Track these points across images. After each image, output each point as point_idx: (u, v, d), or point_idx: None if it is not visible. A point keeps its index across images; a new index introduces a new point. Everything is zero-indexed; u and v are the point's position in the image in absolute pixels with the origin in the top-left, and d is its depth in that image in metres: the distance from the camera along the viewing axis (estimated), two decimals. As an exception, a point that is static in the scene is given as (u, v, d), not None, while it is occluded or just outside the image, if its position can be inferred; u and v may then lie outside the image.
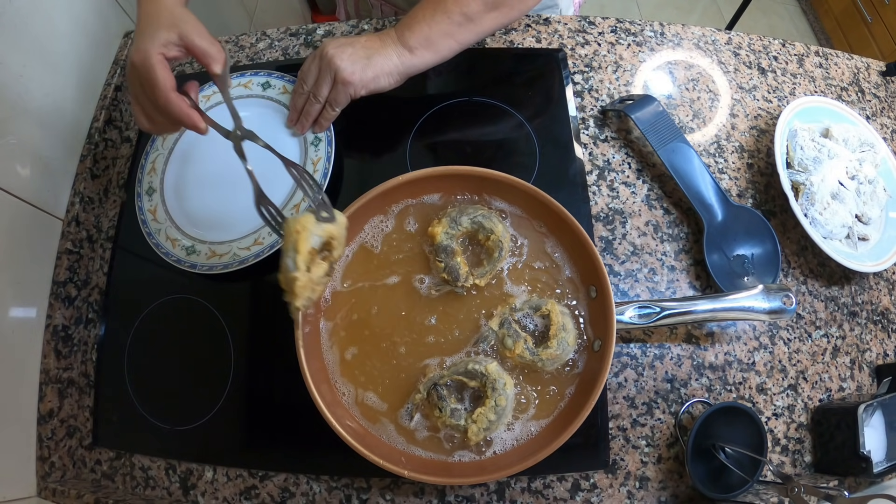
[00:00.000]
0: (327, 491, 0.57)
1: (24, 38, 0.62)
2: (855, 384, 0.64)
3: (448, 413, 0.51)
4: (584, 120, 0.73)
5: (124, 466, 0.61)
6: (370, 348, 0.56)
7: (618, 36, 0.79)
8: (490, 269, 0.56)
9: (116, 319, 0.66)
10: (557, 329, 0.53)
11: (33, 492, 0.60)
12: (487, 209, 0.58)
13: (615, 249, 0.66)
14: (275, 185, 0.65)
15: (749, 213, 0.66)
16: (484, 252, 0.57)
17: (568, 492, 0.57)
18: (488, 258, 0.57)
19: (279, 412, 0.60)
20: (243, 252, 0.63)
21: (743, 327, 0.64)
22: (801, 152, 0.68)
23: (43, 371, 0.63)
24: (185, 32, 0.51)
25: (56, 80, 0.68)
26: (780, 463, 0.60)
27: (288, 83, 0.71)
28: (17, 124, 0.62)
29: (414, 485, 0.57)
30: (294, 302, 0.46)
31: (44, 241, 0.66)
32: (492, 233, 0.56)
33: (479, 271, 0.56)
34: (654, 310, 0.55)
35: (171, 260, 0.64)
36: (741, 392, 0.62)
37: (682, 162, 0.66)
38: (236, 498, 0.58)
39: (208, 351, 0.63)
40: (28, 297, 0.63)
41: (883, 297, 0.69)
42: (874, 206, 0.68)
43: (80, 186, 0.70)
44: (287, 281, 0.46)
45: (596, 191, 0.69)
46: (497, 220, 0.57)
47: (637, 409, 0.60)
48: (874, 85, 0.83)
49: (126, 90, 0.66)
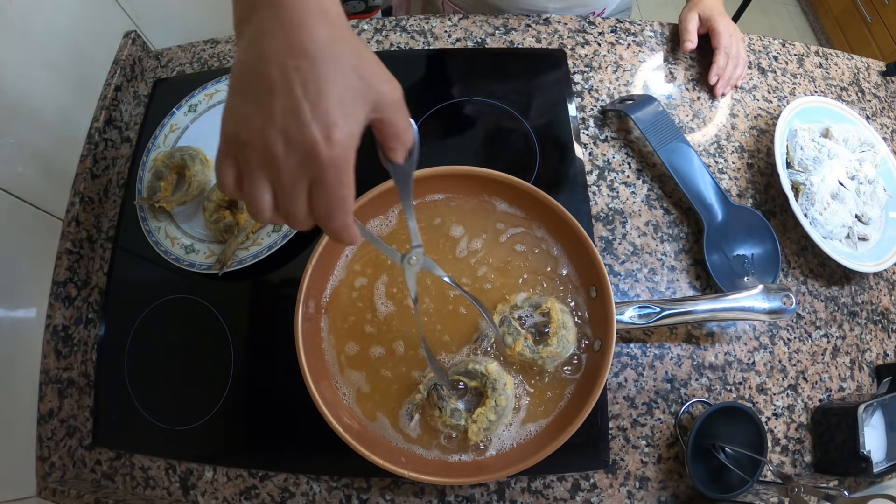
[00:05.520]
0: (327, 491, 0.57)
1: (24, 38, 0.62)
2: (855, 384, 0.64)
3: (448, 413, 0.51)
4: (584, 120, 0.73)
5: (124, 466, 0.61)
6: (370, 348, 0.56)
7: (618, 36, 0.79)
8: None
9: (116, 319, 0.66)
10: (558, 327, 0.53)
11: (33, 492, 0.60)
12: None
13: (615, 249, 0.66)
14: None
15: (749, 213, 0.66)
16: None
17: (568, 492, 0.57)
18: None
19: (279, 412, 0.60)
20: (242, 252, 0.63)
21: (743, 327, 0.64)
22: (801, 152, 0.68)
23: (43, 371, 0.63)
24: (384, 104, 0.33)
25: (56, 79, 0.68)
26: (780, 463, 0.60)
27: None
28: (17, 124, 0.62)
29: (414, 485, 0.57)
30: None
31: (44, 241, 0.66)
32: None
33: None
34: (654, 310, 0.55)
35: (171, 258, 0.64)
36: (741, 392, 0.62)
37: (682, 162, 0.66)
38: (236, 498, 0.58)
39: (208, 351, 0.63)
40: (28, 297, 0.63)
41: (883, 297, 0.69)
42: (874, 206, 0.68)
43: (80, 186, 0.70)
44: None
45: (596, 191, 0.69)
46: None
47: (637, 409, 0.60)
48: (874, 85, 0.83)
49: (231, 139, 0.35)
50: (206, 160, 0.67)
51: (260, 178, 0.32)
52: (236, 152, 0.32)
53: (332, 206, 0.33)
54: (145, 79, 0.81)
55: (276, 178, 0.32)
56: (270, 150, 0.30)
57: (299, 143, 0.30)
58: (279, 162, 0.31)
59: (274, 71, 0.30)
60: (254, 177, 0.32)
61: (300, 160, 0.31)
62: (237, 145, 0.32)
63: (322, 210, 0.33)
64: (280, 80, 0.30)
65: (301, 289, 0.53)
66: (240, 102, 0.31)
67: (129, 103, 0.78)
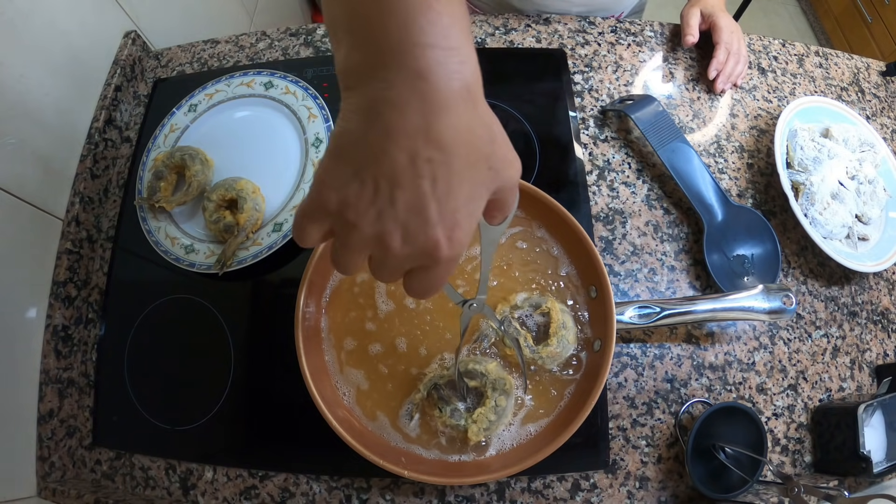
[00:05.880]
0: (327, 491, 0.57)
1: (24, 38, 0.62)
2: (855, 384, 0.64)
3: (448, 413, 0.51)
4: (584, 120, 0.73)
5: (124, 466, 0.61)
6: (371, 347, 0.56)
7: (618, 36, 0.79)
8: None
9: (116, 319, 0.66)
10: (558, 327, 0.53)
11: (33, 492, 0.60)
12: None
13: (615, 249, 0.66)
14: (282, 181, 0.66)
15: (749, 213, 0.66)
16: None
17: (568, 492, 0.57)
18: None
19: (279, 412, 0.60)
20: (242, 252, 0.63)
21: (743, 327, 0.64)
22: (801, 152, 0.68)
23: (43, 371, 0.63)
24: (504, 188, 0.30)
25: (56, 80, 0.68)
26: (780, 463, 0.60)
27: (290, 83, 0.71)
28: (17, 124, 0.62)
29: (414, 485, 0.57)
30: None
31: (44, 241, 0.66)
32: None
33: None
34: (654, 310, 0.55)
35: (171, 258, 0.64)
36: (741, 392, 0.62)
37: (682, 162, 0.66)
38: (236, 498, 0.58)
39: (208, 351, 0.63)
40: (28, 297, 0.63)
41: (883, 297, 0.69)
42: (874, 206, 0.68)
43: (80, 186, 0.70)
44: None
45: (596, 191, 0.69)
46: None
47: (637, 409, 0.60)
48: (874, 85, 0.83)
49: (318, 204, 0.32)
50: (206, 160, 0.67)
51: (360, 253, 0.30)
52: (336, 226, 0.29)
53: (432, 288, 0.31)
54: (145, 79, 0.81)
55: (380, 261, 0.29)
56: (384, 241, 0.28)
57: (420, 242, 0.28)
58: (391, 253, 0.28)
59: (402, 157, 0.26)
60: (353, 252, 0.29)
61: (414, 254, 0.28)
62: (339, 221, 0.28)
63: (418, 289, 0.31)
64: (408, 169, 0.26)
65: (301, 289, 0.53)
66: (349, 177, 0.27)
67: (129, 103, 0.78)
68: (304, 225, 0.30)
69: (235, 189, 0.63)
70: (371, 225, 0.27)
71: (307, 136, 0.68)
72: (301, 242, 0.31)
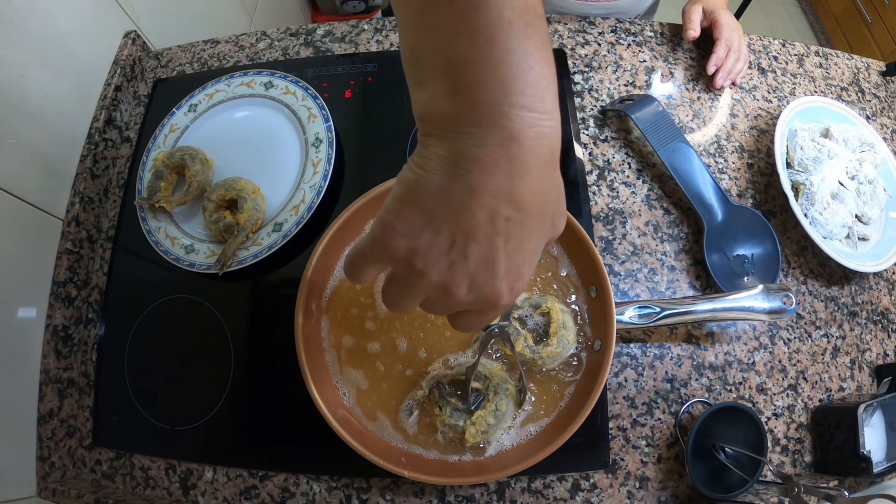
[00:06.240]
0: (327, 491, 0.57)
1: (24, 37, 0.62)
2: (855, 384, 0.64)
3: (447, 413, 0.51)
4: (584, 120, 0.73)
5: (124, 466, 0.61)
6: (371, 347, 0.56)
7: (618, 36, 0.79)
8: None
9: (116, 319, 0.66)
10: (558, 327, 0.53)
11: (33, 492, 0.60)
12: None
13: (615, 249, 0.66)
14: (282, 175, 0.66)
15: (749, 213, 0.66)
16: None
17: (568, 492, 0.57)
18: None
19: (279, 412, 0.60)
20: (242, 252, 0.63)
21: (743, 327, 0.64)
22: (801, 152, 0.68)
23: (43, 371, 0.63)
24: (561, 229, 0.32)
25: (56, 80, 0.68)
26: (780, 463, 0.60)
27: (290, 83, 0.71)
28: (17, 124, 0.62)
29: (414, 485, 0.57)
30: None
31: (44, 241, 0.66)
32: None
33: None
34: (654, 310, 0.55)
35: (171, 258, 0.64)
36: (741, 392, 0.62)
37: (682, 162, 0.66)
38: (236, 498, 0.58)
39: (208, 351, 0.63)
40: (28, 297, 0.63)
41: (883, 297, 0.69)
42: (874, 206, 0.68)
43: (80, 186, 0.70)
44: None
45: (596, 191, 0.69)
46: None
47: (637, 409, 0.60)
48: (874, 85, 0.83)
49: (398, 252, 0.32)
50: (206, 160, 0.67)
51: (421, 297, 0.30)
52: (400, 271, 0.29)
53: (479, 327, 0.33)
54: (145, 79, 0.81)
55: (439, 304, 0.30)
56: (450, 290, 0.29)
57: (485, 293, 0.29)
58: (454, 300, 0.29)
59: (482, 215, 0.26)
60: (416, 297, 0.30)
61: (475, 302, 0.29)
62: (405, 268, 0.29)
63: (466, 326, 0.33)
64: (486, 226, 0.27)
65: (301, 289, 0.53)
66: (422, 226, 0.27)
67: (129, 103, 0.78)
68: (363, 266, 0.31)
69: (235, 189, 0.63)
70: (440, 274, 0.28)
71: (307, 136, 0.68)
72: (355, 281, 0.32)
